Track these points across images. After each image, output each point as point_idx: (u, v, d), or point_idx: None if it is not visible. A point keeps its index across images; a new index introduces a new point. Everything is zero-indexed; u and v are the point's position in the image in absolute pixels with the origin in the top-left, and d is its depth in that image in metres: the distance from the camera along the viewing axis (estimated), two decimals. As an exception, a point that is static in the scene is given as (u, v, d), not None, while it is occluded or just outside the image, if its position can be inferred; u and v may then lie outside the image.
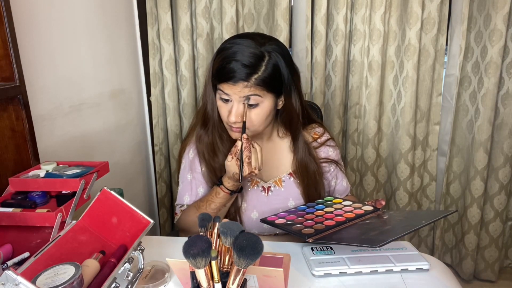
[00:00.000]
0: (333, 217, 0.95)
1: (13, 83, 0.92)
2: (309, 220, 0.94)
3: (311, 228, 0.89)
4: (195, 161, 1.11)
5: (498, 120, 1.70)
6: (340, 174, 1.18)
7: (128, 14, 1.62)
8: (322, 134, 1.17)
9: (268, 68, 0.96)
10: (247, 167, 0.95)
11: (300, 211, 1.02)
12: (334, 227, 0.90)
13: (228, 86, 0.96)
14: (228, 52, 0.96)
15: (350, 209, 1.00)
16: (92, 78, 1.38)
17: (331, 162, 1.16)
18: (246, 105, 0.97)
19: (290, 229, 0.90)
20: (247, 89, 0.95)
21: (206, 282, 0.58)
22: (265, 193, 1.11)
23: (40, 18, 1.13)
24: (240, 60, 0.94)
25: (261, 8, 1.66)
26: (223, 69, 0.95)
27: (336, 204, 1.04)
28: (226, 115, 1.00)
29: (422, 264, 0.83)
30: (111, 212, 0.75)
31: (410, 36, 1.62)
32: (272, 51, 0.97)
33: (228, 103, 0.99)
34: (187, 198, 1.12)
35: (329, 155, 1.16)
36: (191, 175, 1.11)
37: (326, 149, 1.16)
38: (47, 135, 1.16)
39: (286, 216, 0.98)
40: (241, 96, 0.96)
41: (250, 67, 0.94)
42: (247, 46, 0.96)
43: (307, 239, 0.84)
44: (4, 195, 0.86)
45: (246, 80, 0.94)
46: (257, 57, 0.95)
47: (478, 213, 1.76)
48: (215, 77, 0.99)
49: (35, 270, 0.60)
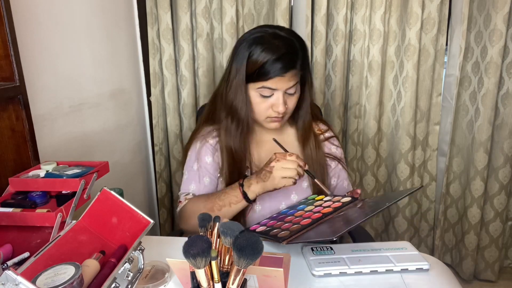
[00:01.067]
0: (311, 215, 0.95)
1: (13, 83, 0.92)
2: (288, 223, 0.94)
3: (287, 230, 0.89)
4: (201, 151, 1.10)
5: (498, 120, 1.70)
6: (342, 173, 1.18)
7: (128, 14, 1.62)
8: (326, 131, 1.18)
9: (302, 52, 0.99)
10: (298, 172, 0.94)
11: (281, 215, 1.01)
12: (310, 225, 0.89)
13: (277, 80, 0.97)
14: (267, 49, 0.96)
15: (328, 204, 0.99)
16: (92, 78, 1.38)
17: (334, 159, 1.16)
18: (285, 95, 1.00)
19: (268, 235, 0.90)
20: (295, 77, 0.98)
21: (206, 282, 0.58)
22: None
23: (40, 18, 1.13)
24: (282, 52, 0.95)
25: (261, 8, 1.66)
26: (268, 67, 0.95)
27: (317, 201, 1.04)
28: (267, 109, 1.01)
29: (422, 264, 0.83)
30: (111, 212, 0.75)
31: (410, 36, 1.62)
32: (292, 36, 1.00)
33: (268, 98, 1.00)
34: (193, 186, 1.10)
35: (332, 152, 1.16)
36: (197, 165, 1.10)
37: (330, 145, 1.16)
38: (47, 135, 1.16)
39: (267, 223, 0.98)
40: (289, 85, 0.98)
41: (293, 54, 0.97)
42: (277, 38, 0.97)
43: (281, 242, 0.84)
44: (4, 195, 0.86)
45: (295, 67, 0.97)
46: (292, 44, 0.98)
47: (478, 213, 1.76)
48: (257, 77, 0.98)
49: (35, 270, 0.60)
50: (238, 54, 1.00)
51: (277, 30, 1.00)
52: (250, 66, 0.98)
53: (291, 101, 1.02)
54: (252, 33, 1.02)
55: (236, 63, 1.01)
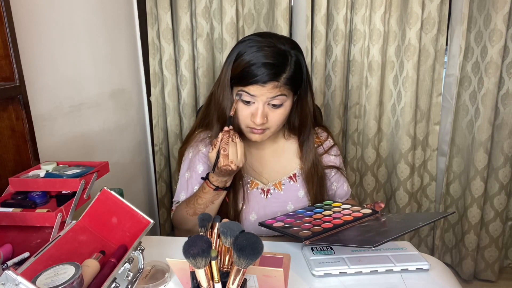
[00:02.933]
0: (331, 220, 0.95)
1: (13, 83, 0.92)
2: (307, 223, 0.94)
3: (308, 230, 0.89)
4: (194, 160, 1.10)
5: (498, 120, 1.70)
6: (341, 178, 1.18)
7: (128, 14, 1.62)
8: (326, 139, 1.16)
9: (292, 66, 0.95)
10: (223, 159, 0.92)
11: (298, 214, 1.02)
12: (332, 230, 0.90)
13: (255, 87, 0.94)
14: (251, 54, 0.94)
15: (348, 212, 1.00)
16: (92, 78, 1.38)
17: (333, 168, 1.15)
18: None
19: (287, 232, 0.90)
20: (276, 90, 0.94)
21: (206, 282, 0.58)
22: (265, 195, 1.10)
23: (40, 18, 1.13)
24: (268, 61, 0.92)
25: (261, 8, 1.66)
26: (250, 71, 0.93)
27: (335, 207, 1.04)
28: (248, 117, 0.98)
29: (422, 264, 0.83)
30: (111, 212, 0.75)
31: (410, 36, 1.62)
32: (292, 50, 0.97)
33: (250, 105, 0.97)
34: (183, 195, 1.11)
35: (331, 161, 1.15)
36: (189, 174, 1.11)
37: (329, 156, 1.15)
38: (47, 135, 1.16)
39: (284, 220, 0.98)
40: (269, 97, 0.94)
41: (278, 66, 0.93)
42: (268, 46, 0.94)
43: (304, 241, 0.84)
44: (4, 195, 0.86)
45: (276, 80, 0.93)
46: (282, 55, 0.95)
47: (478, 213, 1.76)
48: (238, 80, 0.96)
49: (35, 270, 0.60)
50: (230, 54, 1.00)
51: (274, 39, 0.97)
52: (234, 68, 0.97)
53: (275, 114, 0.98)
54: (251, 36, 1.00)
55: (226, 63, 1.00)
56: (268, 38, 0.97)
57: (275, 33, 1.03)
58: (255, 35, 1.01)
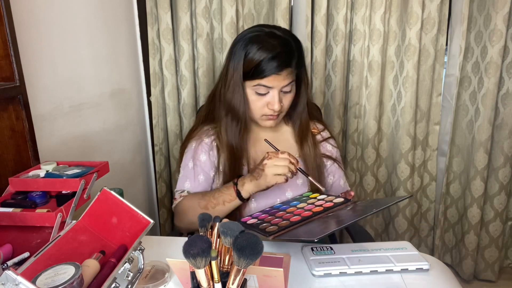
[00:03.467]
0: (301, 213, 0.95)
1: (13, 83, 0.92)
2: (278, 218, 0.94)
3: (275, 225, 0.90)
4: (197, 150, 1.11)
5: (498, 120, 1.70)
6: (338, 172, 1.18)
7: (128, 14, 1.62)
8: (323, 130, 1.18)
9: (298, 51, 1.01)
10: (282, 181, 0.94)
11: (274, 209, 1.02)
12: (298, 223, 0.90)
13: (272, 78, 0.98)
14: (260, 48, 0.98)
15: (321, 203, 1.00)
16: (92, 78, 1.38)
17: (329, 158, 1.16)
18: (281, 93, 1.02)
19: (256, 229, 0.90)
20: (290, 76, 0.99)
21: (206, 282, 0.58)
22: None
23: (40, 18, 1.13)
24: (277, 50, 0.97)
25: (261, 8, 1.66)
26: (264, 64, 0.97)
27: (311, 199, 1.04)
28: (264, 107, 1.03)
29: (422, 264, 0.83)
30: (111, 212, 0.75)
31: (410, 36, 1.62)
32: (286, 35, 1.01)
33: (264, 96, 1.02)
34: (188, 184, 1.11)
35: (328, 151, 1.16)
36: (192, 163, 1.11)
37: (326, 145, 1.17)
38: (47, 135, 1.16)
39: (259, 216, 0.99)
40: (284, 84, 1.00)
41: (288, 53, 0.98)
42: (273, 37, 0.99)
43: (268, 236, 0.85)
44: (4, 195, 0.86)
45: (290, 66, 0.98)
46: (288, 43, 0.99)
47: (478, 213, 1.76)
48: (253, 75, 0.99)
49: (35, 270, 0.60)
50: (235, 53, 1.02)
51: (273, 30, 1.02)
52: (246, 64, 1.00)
53: (286, 99, 1.04)
54: (249, 32, 1.03)
55: (233, 61, 1.03)
56: (266, 28, 1.02)
57: (272, 25, 1.07)
58: (253, 29, 1.04)
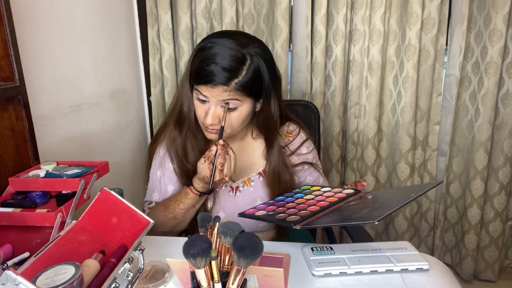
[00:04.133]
0: (316, 203, 0.92)
1: (13, 83, 0.92)
2: (292, 209, 0.91)
3: (295, 215, 0.86)
4: (165, 158, 1.09)
5: (498, 120, 1.70)
6: (315, 173, 1.14)
7: (128, 14, 1.62)
8: (297, 135, 1.13)
9: (249, 73, 0.92)
10: (218, 174, 0.91)
11: (279, 201, 0.98)
12: (320, 212, 0.87)
13: (206, 88, 0.92)
14: (208, 53, 0.91)
15: (331, 194, 0.97)
16: (92, 78, 1.38)
17: (305, 164, 1.12)
18: (226, 109, 0.93)
19: (273, 219, 0.87)
20: (226, 93, 0.91)
21: (206, 282, 0.58)
22: (233, 193, 1.09)
23: (40, 18, 1.13)
24: (220, 63, 0.90)
25: (261, 8, 1.66)
26: (202, 71, 0.91)
27: (315, 191, 1.01)
28: (203, 115, 0.96)
29: (422, 264, 0.83)
30: (111, 212, 0.75)
31: (410, 36, 1.62)
32: (255, 55, 0.93)
33: (205, 104, 0.96)
34: (156, 195, 1.10)
35: (302, 159, 1.12)
36: (161, 172, 1.09)
37: (299, 155, 1.12)
38: (47, 135, 1.16)
39: (265, 208, 0.94)
40: (219, 99, 0.93)
41: (230, 71, 0.90)
42: (228, 47, 0.91)
43: (293, 226, 0.81)
44: (4, 195, 0.86)
45: (226, 85, 0.90)
46: (239, 60, 0.91)
47: (478, 213, 1.76)
48: (193, 78, 0.95)
49: (35, 270, 0.60)
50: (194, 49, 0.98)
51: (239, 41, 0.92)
52: (191, 64, 0.96)
53: (232, 117, 0.96)
54: (216, 34, 0.98)
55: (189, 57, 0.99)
56: (232, 38, 0.93)
57: (245, 33, 1.01)
58: (220, 33, 0.99)
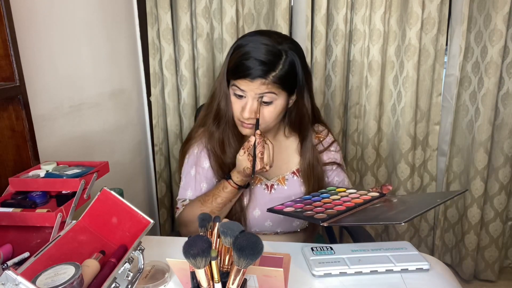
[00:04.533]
0: (342, 203, 0.94)
1: (13, 83, 0.92)
2: (319, 207, 0.93)
3: (322, 213, 0.88)
4: (201, 156, 1.10)
5: (498, 120, 1.70)
6: (342, 174, 1.18)
7: (128, 14, 1.62)
8: (326, 136, 1.17)
9: (285, 66, 0.96)
10: (260, 163, 0.94)
11: (306, 200, 1.00)
12: (346, 212, 0.89)
13: (244, 82, 0.96)
14: (246, 49, 0.96)
15: (356, 196, 0.99)
16: (92, 78, 1.38)
17: (334, 164, 1.16)
18: (260, 102, 0.97)
19: (301, 216, 0.89)
20: (263, 86, 0.95)
21: (206, 282, 0.58)
22: (268, 191, 1.10)
23: (40, 18, 1.13)
24: (259, 58, 0.94)
25: (261, 8, 1.66)
26: (241, 66, 0.95)
27: (341, 192, 1.03)
28: (239, 110, 1.00)
29: (422, 264, 0.83)
30: (111, 212, 0.75)
31: (410, 36, 1.62)
32: (289, 50, 0.98)
33: (241, 99, 0.99)
34: (190, 192, 1.10)
35: (331, 158, 1.16)
36: (195, 170, 1.11)
37: (329, 153, 1.16)
38: (47, 135, 1.16)
39: (293, 205, 0.97)
40: (257, 93, 0.96)
41: (268, 64, 0.95)
42: (264, 43, 0.96)
43: (321, 223, 0.83)
44: (4, 195, 0.86)
45: (264, 77, 0.95)
46: (275, 54, 0.96)
47: (478, 213, 1.77)
48: (231, 73, 0.99)
49: (35, 270, 0.60)
50: (230, 48, 1.02)
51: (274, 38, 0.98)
52: (230, 60, 0.99)
53: (266, 110, 0.99)
54: (252, 32, 1.02)
55: (226, 57, 1.03)
56: (267, 36, 0.98)
57: (278, 32, 1.04)
58: (256, 32, 1.02)
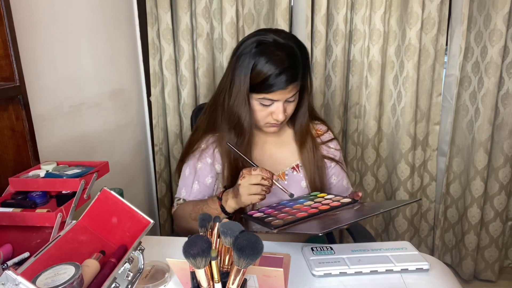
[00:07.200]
0: (308, 210, 0.96)
1: (13, 83, 0.92)
2: (284, 213, 0.95)
3: (281, 220, 0.91)
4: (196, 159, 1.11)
5: (498, 120, 1.70)
6: (341, 173, 1.18)
7: (128, 14, 1.62)
8: (325, 132, 1.18)
9: (302, 62, 1.00)
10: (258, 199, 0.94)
11: (281, 205, 1.03)
12: (304, 219, 0.91)
13: (279, 93, 0.98)
14: (268, 63, 0.95)
15: (327, 202, 1.00)
16: (92, 78, 1.38)
17: (332, 160, 1.16)
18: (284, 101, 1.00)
19: (261, 222, 0.92)
20: (295, 88, 1.00)
21: (206, 282, 0.58)
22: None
23: (40, 18, 1.13)
24: (286, 65, 0.96)
25: (261, 8, 1.66)
26: (271, 81, 0.96)
27: (319, 198, 1.05)
28: (268, 116, 1.03)
29: (422, 264, 0.83)
30: (111, 212, 0.75)
31: (410, 36, 1.62)
32: (294, 44, 1.00)
33: (268, 106, 1.02)
34: (184, 192, 1.13)
35: (330, 153, 1.16)
36: (189, 171, 1.12)
37: (328, 148, 1.17)
38: (47, 135, 1.16)
39: (265, 210, 1.00)
40: (290, 96, 1.00)
41: (294, 68, 0.97)
42: (280, 48, 0.97)
43: (273, 229, 0.86)
44: (4, 195, 0.86)
45: (297, 80, 0.99)
46: (293, 55, 0.98)
47: (478, 213, 1.76)
48: (259, 90, 0.98)
49: (35, 270, 0.60)
50: (242, 63, 0.99)
51: (277, 37, 0.98)
52: (253, 77, 0.98)
53: (289, 107, 1.04)
54: (254, 41, 0.99)
55: (239, 72, 0.99)
56: (270, 36, 0.99)
57: (275, 29, 1.05)
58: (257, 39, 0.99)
